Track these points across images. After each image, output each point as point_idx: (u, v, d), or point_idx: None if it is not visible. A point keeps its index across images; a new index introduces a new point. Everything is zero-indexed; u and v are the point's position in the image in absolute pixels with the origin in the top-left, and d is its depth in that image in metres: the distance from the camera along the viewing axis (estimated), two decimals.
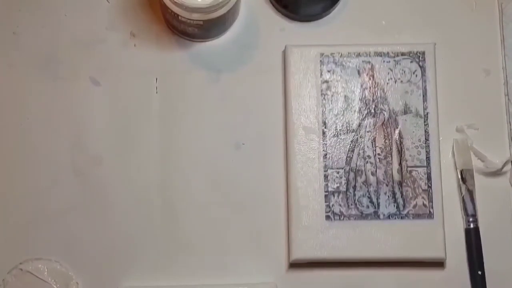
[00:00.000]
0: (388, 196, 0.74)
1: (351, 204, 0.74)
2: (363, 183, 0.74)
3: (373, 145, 0.75)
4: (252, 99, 0.77)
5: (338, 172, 0.74)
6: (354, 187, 0.74)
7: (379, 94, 0.76)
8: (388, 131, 0.75)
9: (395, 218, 0.74)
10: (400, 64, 0.76)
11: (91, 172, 0.76)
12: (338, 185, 0.74)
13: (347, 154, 0.75)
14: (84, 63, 0.77)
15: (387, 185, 0.74)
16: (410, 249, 0.73)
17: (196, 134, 0.77)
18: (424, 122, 0.75)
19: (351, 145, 0.75)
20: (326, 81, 0.76)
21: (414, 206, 0.74)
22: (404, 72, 0.76)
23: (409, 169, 0.74)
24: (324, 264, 0.74)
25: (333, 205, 0.74)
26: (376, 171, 0.74)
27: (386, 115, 0.75)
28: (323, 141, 0.75)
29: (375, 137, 0.75)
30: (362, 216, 0.74)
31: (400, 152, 0.75)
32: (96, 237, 0.75)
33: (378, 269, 0.74)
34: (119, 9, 0.78)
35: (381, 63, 0.76)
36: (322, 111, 0.75)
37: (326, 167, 0.74)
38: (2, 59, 0.78)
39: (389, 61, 0.76)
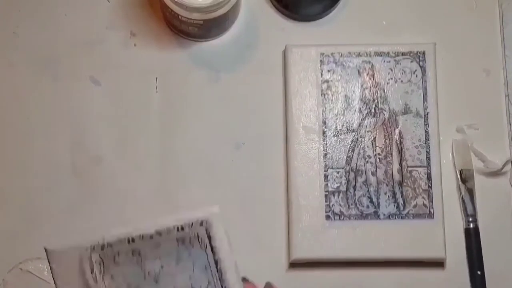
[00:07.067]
0: (388, 196, 0.74)
1: (351, 204, 0.74)
2: (363, 183, 0.74)
3: (373, 145, 0.75)
4: (252, 99, 0.77)
5: (338, 172, 0.74)
6: (354, 187, 0.74)
7: (379, 94, 0.76)
8: (388, 131, 0.75)
9: (395, 218, 0.74)
10: (400, 64, 0.76)
11: (91, 172, 0.76)
12: (338, 185, 0.74)
13: (347, 154, 0.75)
14: (84, 63, 0.77)
15: (387, 185, 0.74)
16: (410, 249, 0.73)
17: (196, 134, 0.77)
18: (424, 122, 0.75)
19: (351, 145, 0.75)
20: (327, 81, 0.76)
21: (414, 206, 0.74)
22: (404, 72, 0.76)
23: (409, 169, 0.74)
24: (324, 264, 0.74)
25: (333, 205, 0.74)
26: (376, 171, 0.74)
27: (386, 115, 0.75)
28: (323, 141, 0.75)
29: (375, 137, 0.75)
30: (362, 216, 0.74)
31: (400, 152, 0.75)
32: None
33: (378, 269, 0.74)
34: (119, 9, 0.78)
35: (381, 63, 0.76)
36: (322, 111, 0.75)
37: (326, 167, 0.74)
38: (2, 59, 0.77)
39: (389, 61, 0.76)
